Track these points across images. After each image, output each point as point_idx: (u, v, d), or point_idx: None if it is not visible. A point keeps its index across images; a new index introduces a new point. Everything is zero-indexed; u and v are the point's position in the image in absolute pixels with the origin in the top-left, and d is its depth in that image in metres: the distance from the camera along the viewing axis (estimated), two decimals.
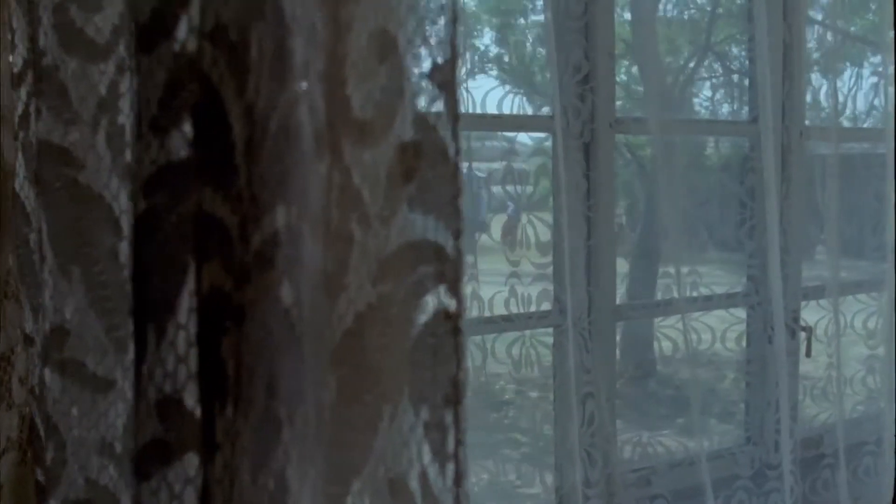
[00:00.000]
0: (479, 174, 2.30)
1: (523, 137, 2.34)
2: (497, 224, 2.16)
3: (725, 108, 3.49)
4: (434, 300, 0.73)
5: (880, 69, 2.82)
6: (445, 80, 0.72)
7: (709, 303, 2.55)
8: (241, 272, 0.69)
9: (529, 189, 2.27)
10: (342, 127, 0.77)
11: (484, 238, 2.14)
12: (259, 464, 0.69)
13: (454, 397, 0.74)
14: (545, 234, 2.16)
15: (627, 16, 2.54)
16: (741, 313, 2.64)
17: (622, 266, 2.56)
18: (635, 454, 2.47)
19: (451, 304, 0.73)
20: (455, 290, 0.73)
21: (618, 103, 2.51)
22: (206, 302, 0.71)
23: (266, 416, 0.69)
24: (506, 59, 2.40)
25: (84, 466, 0.91)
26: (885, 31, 2.79)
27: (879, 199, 2.77)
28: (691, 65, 5.15)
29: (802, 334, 2.74)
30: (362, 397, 0.78)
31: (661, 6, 3.28)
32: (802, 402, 2.75)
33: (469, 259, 2.12)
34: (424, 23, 0.73)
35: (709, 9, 4.63)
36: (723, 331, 2.57)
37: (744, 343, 2.65)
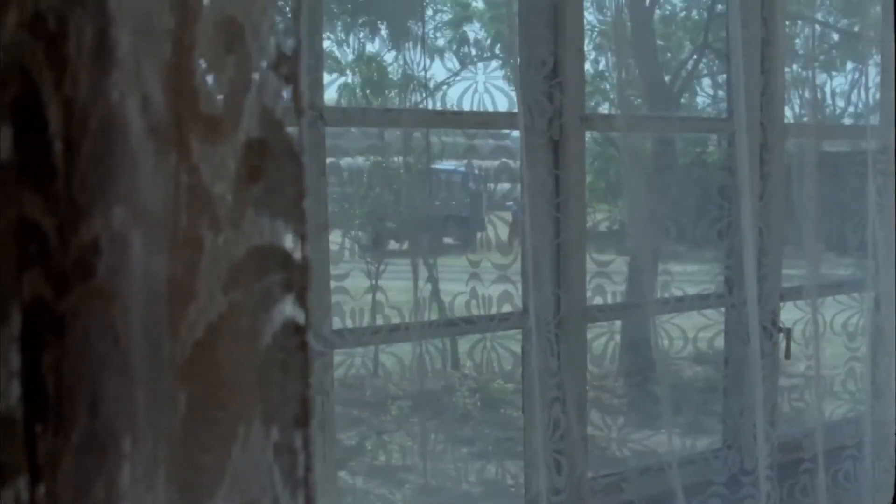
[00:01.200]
0: (445, 173, 2.24)
1: (484, 135, 2.28)
2: (458, 224, 2.10)
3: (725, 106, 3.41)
4: (282, 311, 0.67)
5: (861, 66, 2.75)
6: (291, 72, 0.67)
7: (681, 304, 2.49)
8: (61, 281, 0.63)
9: (491, 187, 2.21)
10: (190, 122, 0.72)
11: (446, 238, 2.08)
12: (82, 491, 0.64)
13: (303, 417, 0.68)
14: (507, 234, 2.10)
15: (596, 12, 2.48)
16: (717, 314, 2.57)
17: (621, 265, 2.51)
18: (606, 460, 2.41)
19: (300, 315, 0.67)
20: (303, 300, 0.67)
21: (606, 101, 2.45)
22: (29, 313, 0.65)
23: (89, 438, 0.64)
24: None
25: None
26: (867, 29, 2.73)
27: (859, 196, 2.70)
28: (690, 62, 5.09)
29: (781, 336, 2.68)
30: (216, 414, 0.73)
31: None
32: (781, 406, 2.69)
33: (430, 260, 2.07)
34: (270, 10, 0.67)
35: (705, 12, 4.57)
36: (696, 332, 2.50)
37: (719, 344, 2.58)
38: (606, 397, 2.89)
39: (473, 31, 2.48)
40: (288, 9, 0.66)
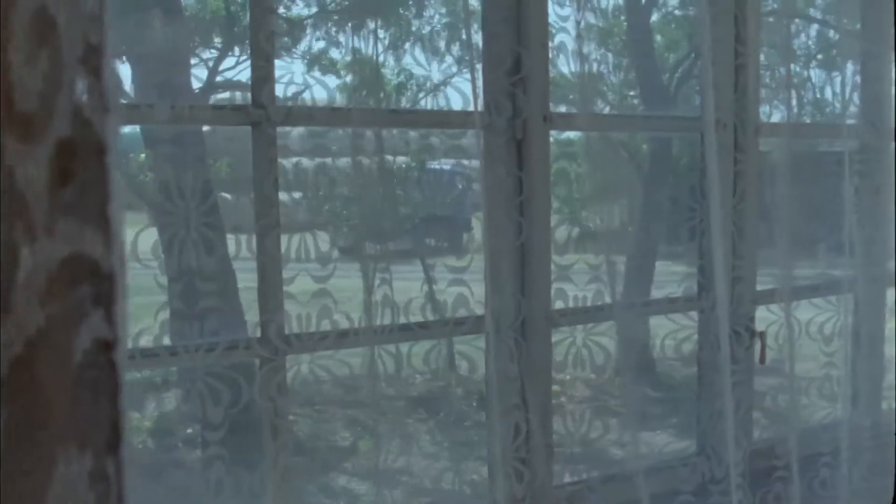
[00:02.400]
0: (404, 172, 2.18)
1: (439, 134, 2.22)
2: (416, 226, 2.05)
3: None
4: (91, 326, 0.62)
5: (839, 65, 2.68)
6: (97, 64, 0.61)
7: (651, 308, 2.43)
8: None
9: (458, 187, 2.16)
10: (6, 121, 0.66)
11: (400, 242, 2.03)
12: None
13: (115, 442, 0.62)
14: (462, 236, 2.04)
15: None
16: (686, 318, 2.51)
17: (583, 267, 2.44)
18: (570, 467, 2.35)
19: (109, 331, 0.62)
20: (111, 315, 0.62)
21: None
22: None
23: None
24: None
25: None
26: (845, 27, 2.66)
27: (835, 197, 2.63)
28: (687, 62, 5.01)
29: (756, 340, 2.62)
30: (35, 436, 0.67)
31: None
32: (755, 411, 2.62)
33: (382, 264, 2.01)
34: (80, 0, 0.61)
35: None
36: (664, 336, 2.44)
37: (691, 349, 2.52)
38: (572, 404, 2.82)
39: (432, 25, 2.42)
40: None
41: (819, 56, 2.93)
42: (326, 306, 1.92)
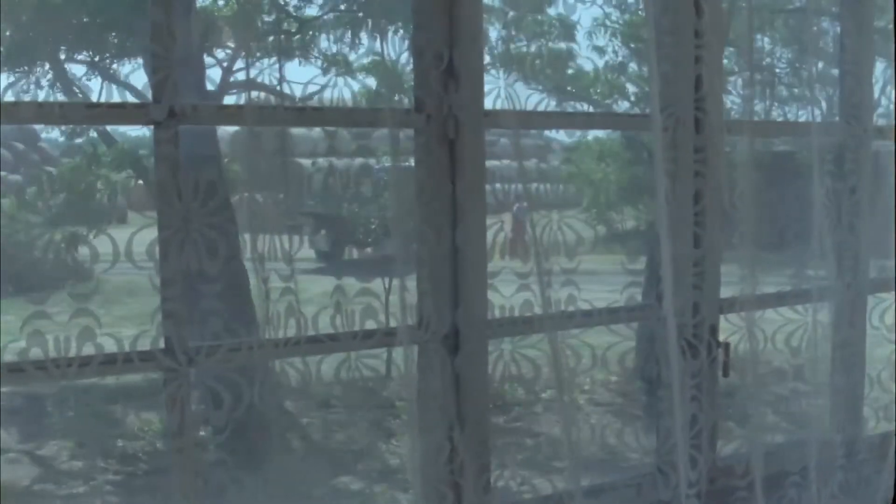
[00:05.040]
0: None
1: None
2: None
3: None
4: None
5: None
6: None
7: (596, 318, 2.27)
8: None
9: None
10: None
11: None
12: None
13: None
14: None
15: None
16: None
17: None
18: (509, 493, 2.19)
19: None
20: None
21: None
22: None
23: None
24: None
25: None
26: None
27: (802, 199, 2.46)
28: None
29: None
30: None
31: None
32: (717, 428, 2.46)
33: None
34: None
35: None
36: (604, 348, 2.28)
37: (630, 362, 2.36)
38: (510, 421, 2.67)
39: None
40: None
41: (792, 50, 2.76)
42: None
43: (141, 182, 7.52)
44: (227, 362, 1.86)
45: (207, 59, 7.30)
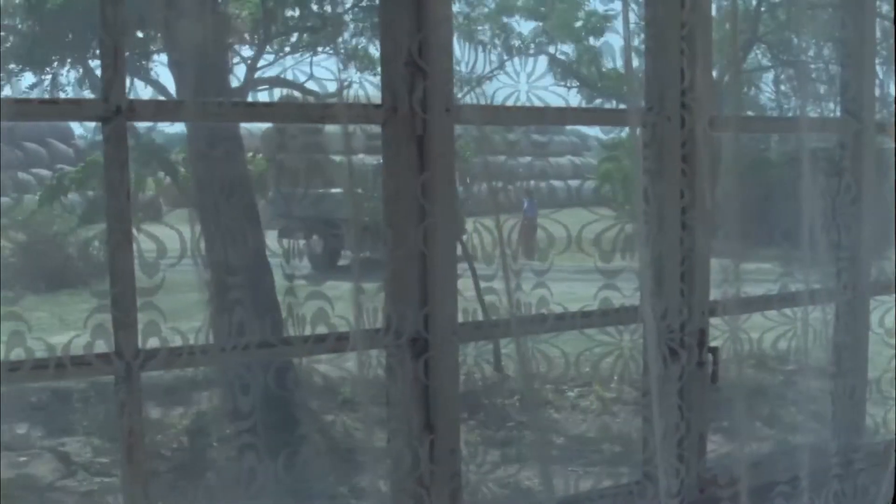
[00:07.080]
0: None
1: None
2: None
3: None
4: None
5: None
6: None
7: (573, 322, 2.19)
8: None
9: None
10: None
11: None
12: None
13: None
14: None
15: None
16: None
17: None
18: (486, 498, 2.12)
19: None
20: None
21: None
22: None
23: None
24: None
25: None
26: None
27: (791, 198, 2.36)
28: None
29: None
30: None
31: None
32: (703, 436, 2.36)
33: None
34: None
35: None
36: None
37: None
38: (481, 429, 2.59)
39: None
40: None
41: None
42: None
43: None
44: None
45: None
